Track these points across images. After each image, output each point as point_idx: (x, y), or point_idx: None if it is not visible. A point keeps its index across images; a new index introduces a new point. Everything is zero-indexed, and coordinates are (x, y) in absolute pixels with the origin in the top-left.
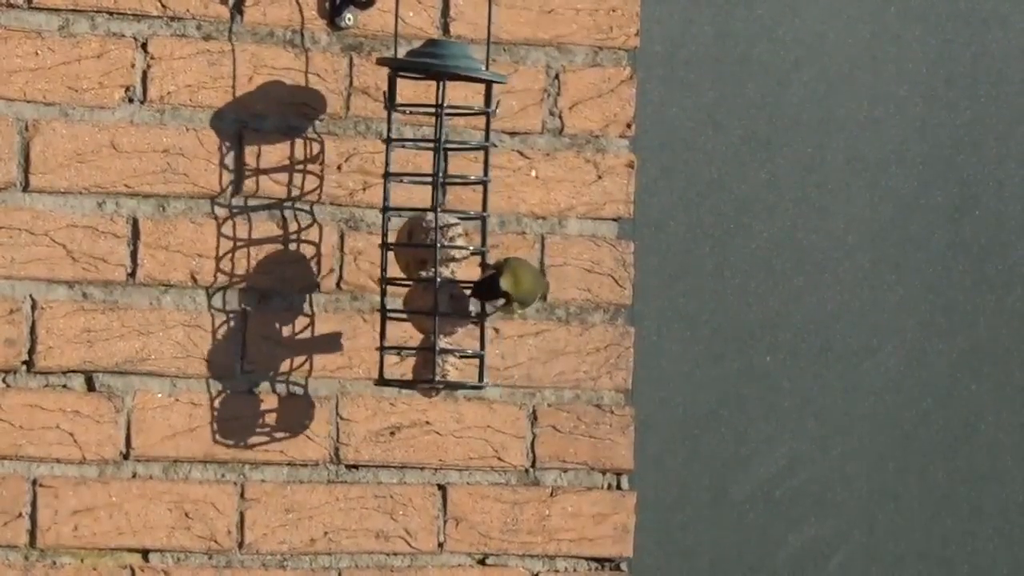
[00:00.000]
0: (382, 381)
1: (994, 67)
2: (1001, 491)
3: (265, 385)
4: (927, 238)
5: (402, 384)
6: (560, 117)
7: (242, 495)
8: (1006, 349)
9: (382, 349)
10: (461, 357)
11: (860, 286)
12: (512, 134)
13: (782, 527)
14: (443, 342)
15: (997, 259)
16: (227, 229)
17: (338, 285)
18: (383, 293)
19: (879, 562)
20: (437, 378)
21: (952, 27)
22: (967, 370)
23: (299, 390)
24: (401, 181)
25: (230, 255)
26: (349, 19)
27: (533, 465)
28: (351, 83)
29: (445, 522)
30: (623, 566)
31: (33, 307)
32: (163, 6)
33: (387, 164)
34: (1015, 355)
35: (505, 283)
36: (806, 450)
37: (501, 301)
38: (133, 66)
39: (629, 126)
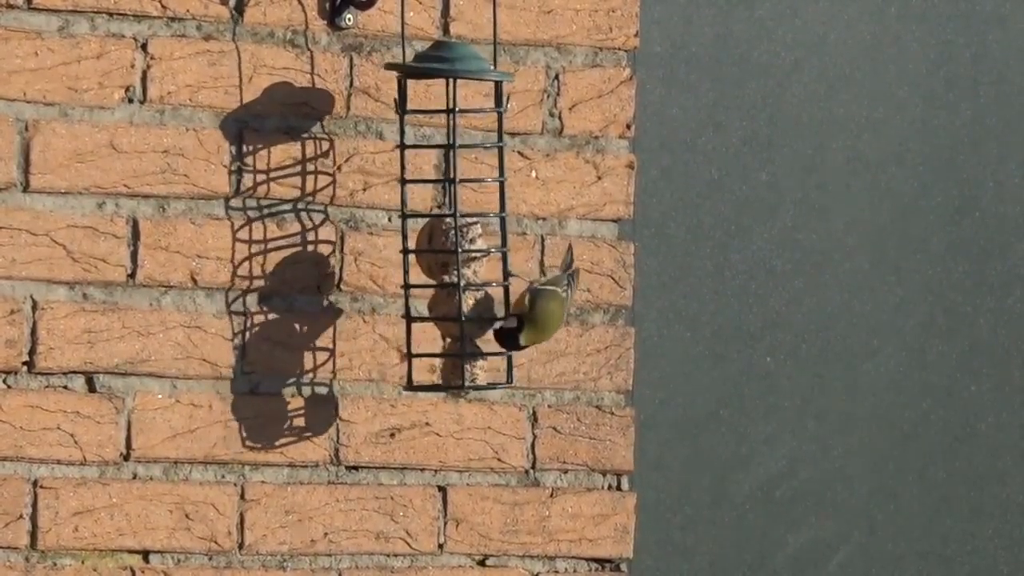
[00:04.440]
0: (411, 387)
1: (994, 67)
2: (1001, 491)
3: (265, 386)
4: (927, 239)
5: (431, 388)
6: (560, 118)
7: (242, 496)
8: (1006, 349)
9: (409, 355)
10: (488, 358)
11: (860, 286)
12: (512, 135)
13: (782, 527)
14: (470, 346)
15: (997, 260)
16: (227, 230)
17: (338, 286)
18: (407, 298)
19: (879, 562)
20: (467, 383)
21: (952, 27)
22: (967, 370)
23: (299, 391)
24: (415, 183)
25: (230, 256)
26: (349, 19)
27: (533, 466)
28: (351, 83)
29: (445, 523)
30: (623, 567)
31: (34, 308)
32: (163, 6)
33: (403, 169)
34: (1015, 355)
35: (526, 339)
36: (806, 450)
37: (513, 351)
38: (133, 66)
39: (629, 127)
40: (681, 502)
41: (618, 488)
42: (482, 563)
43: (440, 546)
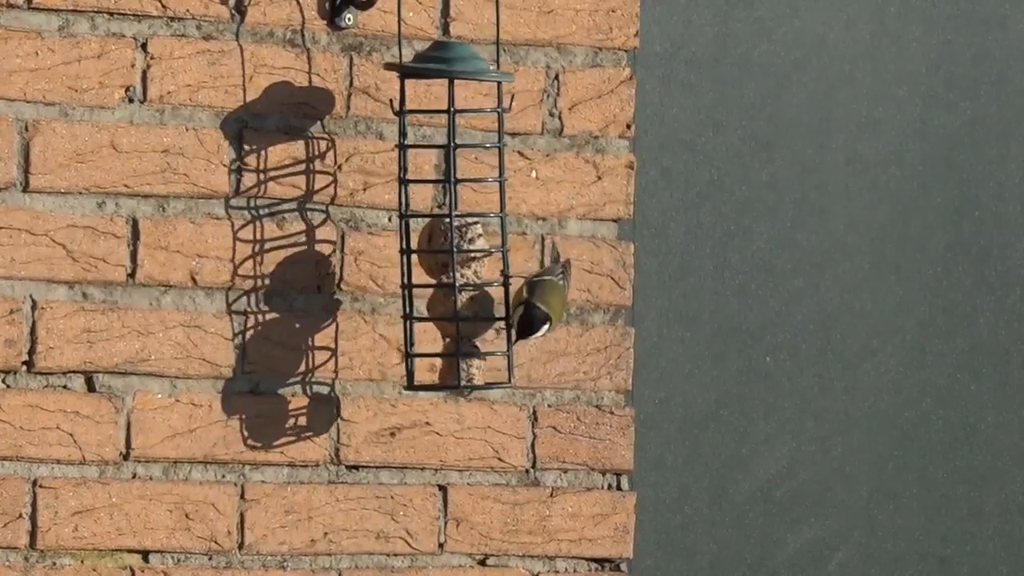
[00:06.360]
0: (411, 386)
1: (994, 67)
2: (1001, 491)
3: (265, 386)
4: (927, 238)
5: (430, 388)
6: (560, 118)
7: (242, 496)
8: (1006, 349)
9: (408, 355)
10: (487, 358)
11: (860, 286)
12: (512, 135)
13: (782, 527)
14: (467, 345)
15: (997, 259)
16: (227, 229)
17: (338, 285)
18: (407, 298)
19: (879, 562)
20: (463, 382)
21: (952, 27)
22: (967, 370)
23: (299, 391)
24: (412, 182)
25: (230, 255)
26: (349, 19)
27: (533, 466)
28: (351, 83)
29: (445, 523)
30: (623, 566)
31: (33, 307)
32: (163, 6)
33: (402, 169)
34: (1015, 355)
35: (552, 316)
36: (806, 450)
37: (545, 328)
38: (133, 66)
39: (629, 127)
40: (681, 502)
41: (618, 488)
42: (482, 563)
43: (440, 546)
